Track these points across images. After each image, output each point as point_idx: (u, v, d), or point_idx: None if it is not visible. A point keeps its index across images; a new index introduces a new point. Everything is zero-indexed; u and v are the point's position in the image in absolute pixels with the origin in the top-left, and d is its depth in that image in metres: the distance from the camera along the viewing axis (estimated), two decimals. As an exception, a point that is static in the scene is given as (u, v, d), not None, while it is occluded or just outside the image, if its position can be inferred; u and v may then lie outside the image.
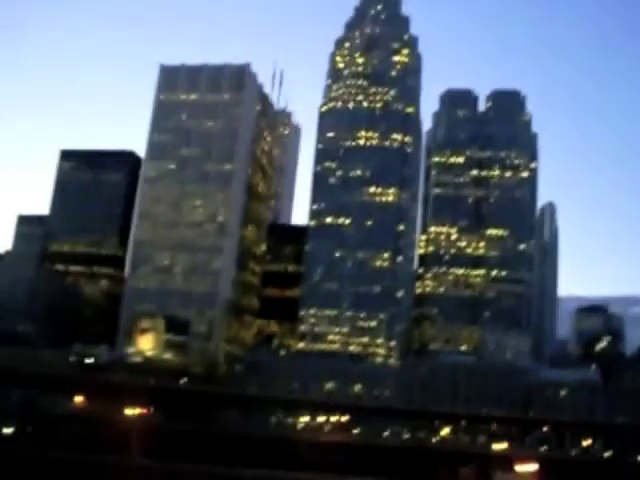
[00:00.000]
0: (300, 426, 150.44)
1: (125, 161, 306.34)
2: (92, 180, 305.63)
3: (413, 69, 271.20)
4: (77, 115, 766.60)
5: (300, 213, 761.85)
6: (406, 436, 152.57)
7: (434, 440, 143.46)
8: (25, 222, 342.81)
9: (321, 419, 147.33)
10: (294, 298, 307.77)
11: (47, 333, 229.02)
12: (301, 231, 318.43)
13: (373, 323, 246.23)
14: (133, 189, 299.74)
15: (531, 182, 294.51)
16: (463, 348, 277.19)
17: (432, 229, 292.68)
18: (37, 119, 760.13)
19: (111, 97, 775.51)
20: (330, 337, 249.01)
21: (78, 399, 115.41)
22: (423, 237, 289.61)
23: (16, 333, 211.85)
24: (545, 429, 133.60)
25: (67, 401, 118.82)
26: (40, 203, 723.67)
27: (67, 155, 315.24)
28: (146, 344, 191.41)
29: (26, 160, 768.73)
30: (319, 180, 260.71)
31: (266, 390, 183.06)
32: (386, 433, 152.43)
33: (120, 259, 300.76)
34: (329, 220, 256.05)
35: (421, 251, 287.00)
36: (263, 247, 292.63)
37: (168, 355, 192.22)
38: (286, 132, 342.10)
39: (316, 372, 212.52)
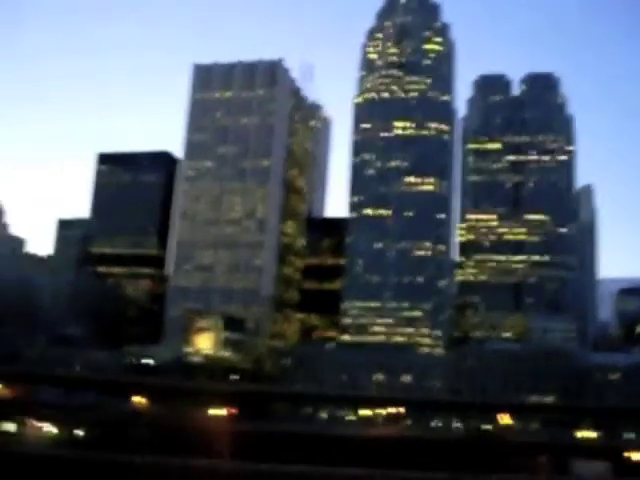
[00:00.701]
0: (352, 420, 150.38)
1: (161, 162, 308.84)
2: (130, 182, 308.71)
3: (446, 56, 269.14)
4: (113, 117, 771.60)
5: (333, 205, 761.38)
6: (456, 425, 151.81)
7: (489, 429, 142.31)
8: (65, 226, 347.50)
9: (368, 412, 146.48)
10: (334, 291, 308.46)
11: (92, 334, 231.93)
12: (338, 224, 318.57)
13: (417, 313, 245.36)
14: (170, 189, 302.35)
15: (569, 165, 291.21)
16: (507, 335, 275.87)
17: (471, 217, 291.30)
18: (73, 123, 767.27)
19: (146, 98, 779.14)
20: (374, 329, 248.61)
21: (138, 400, 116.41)
22: (462, 225, 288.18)
23: (65, 335, 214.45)
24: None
25: (124, 403, 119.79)
26: (79, 207, 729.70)
27: (104, 158, 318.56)
28: (204, 343, 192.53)
29: (64, 164, 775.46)
30: (357, 172, 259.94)
31: (314, 384, 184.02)
32: (439, 424, 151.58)
33: (160, 259, 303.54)
34: (369, 212, 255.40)
35: (461, 239, 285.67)
36: (302, 241, 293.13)
37: (226, 353, 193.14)
38: (317, 125, 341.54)
39: (363, 364, 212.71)
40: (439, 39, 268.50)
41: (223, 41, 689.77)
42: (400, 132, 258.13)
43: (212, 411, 74.07)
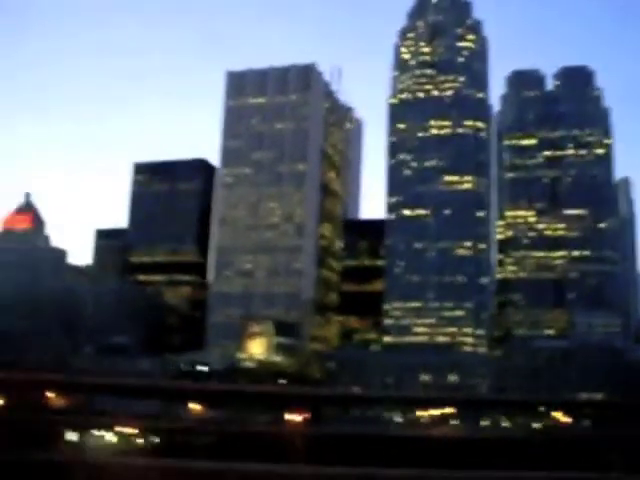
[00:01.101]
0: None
1: (198, 169, 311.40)
2: (166, 190, 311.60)
3: (480, 54, 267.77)
4: (149, 126, 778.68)
5: (367, 207, 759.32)
6: (505, 424, 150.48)
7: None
8: (103, 236, 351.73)
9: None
10: (372, 292, 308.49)
11: (135, 342, 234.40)
12: (374, 225, 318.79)
13: (459, 312, 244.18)
14: (207, 196, 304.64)
15: (606, 158, 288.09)
16: (549, 332, 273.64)
17: (509, 213, 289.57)
18: (109, 133, 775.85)
19: (181, 106, 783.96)
20: (416, 329, 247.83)
21: (196, 407, 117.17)
22: (500, 222, 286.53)
23: (111, 344, 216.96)
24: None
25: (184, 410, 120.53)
26: (117, 217, 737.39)
27: (140, 168, 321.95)
28: (257, 348, 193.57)
29: (101, 175, 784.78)
30: (394, 173, 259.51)
31: (359, 386, 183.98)
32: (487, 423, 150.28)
33: (199, 265, 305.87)
34: (407, 212, 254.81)
35: (499, 236, 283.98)
36: (339, 243, 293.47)
37: (277, 358, 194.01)
38: (350, 127, 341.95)
39: (408, 366, 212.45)
40: (472, 36, 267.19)
41: (255, 47, 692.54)
42: (436, 131, 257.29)
43: (288, 416, 74.47)
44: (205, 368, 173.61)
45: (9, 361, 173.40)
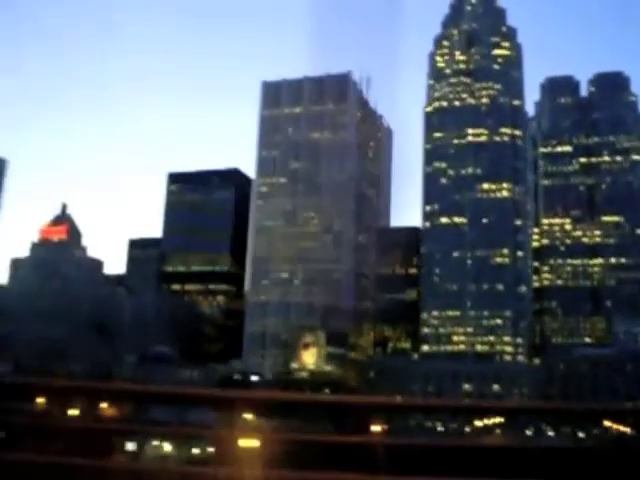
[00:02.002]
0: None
1: (232, 179, 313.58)
2: (201, 200, 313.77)
3: (515, 61, 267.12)
4: (183, 137, 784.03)
5: (397, 216, 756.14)
6: (550, 434, 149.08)
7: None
8: (136, 246, 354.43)
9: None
10: (406, 301, 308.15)
11: (176, 352, 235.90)
12: (408, 233, 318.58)
13: (498, 321, 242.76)
14: (242, 206, 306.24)
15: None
16: (587, 340, 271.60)
17: (545, 221, 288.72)
18: (145, 144, 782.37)
19: (216, 116, 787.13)
20: (455, 338, 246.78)
21: (248, 416, 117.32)
22: (536, 230, 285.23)
23: (153, 353, 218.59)
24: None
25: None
26: (152, 227, 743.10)
27: (174, 178, 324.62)
28: (309, 358, 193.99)
29: (135, 185, 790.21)
30: (430, 181, 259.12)
31: (400, 394, 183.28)
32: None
33: (234, 275, 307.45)
34: (444, 220, 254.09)
35: (535, 244, 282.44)
36: (374, 252, 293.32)
37: (329, 368, 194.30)
38: (380, 136, 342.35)
39: (449, 374, 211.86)
40: (507, 44, 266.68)
41: (289, 57, 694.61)
42: (472, 139, 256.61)
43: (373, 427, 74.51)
44: (256, 378, 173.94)
45: (50, 369, 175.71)
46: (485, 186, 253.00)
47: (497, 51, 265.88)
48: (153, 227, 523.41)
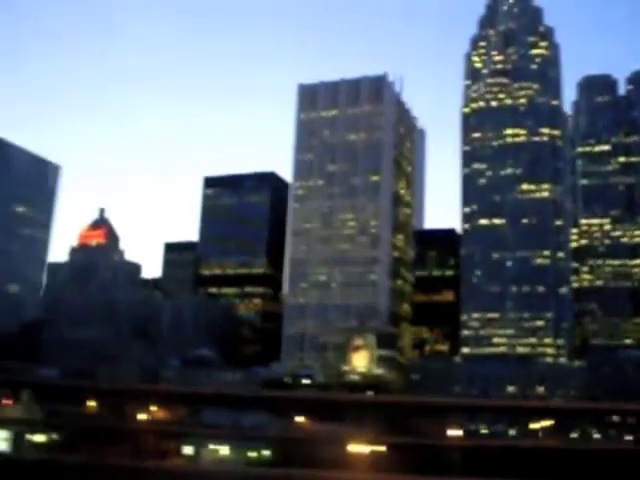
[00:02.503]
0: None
1: (267, 182, 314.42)
2: (236, 204, 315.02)
3: (552, 60, 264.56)
4: (218, 140, 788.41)
5: (431, 217, 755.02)
6: (596, 436, 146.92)
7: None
8: (172, 249, 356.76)
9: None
10: (443, 303, 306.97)
11: (215, 354, 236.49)
12: (443, 235, 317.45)
13: (539, 323, 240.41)
14: (277, 209, 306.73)
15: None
16: (627, 341, 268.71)
17: (583, 221, 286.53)
18: (179, 147, 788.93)
19: (252, 119, 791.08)
20: (495, 340, 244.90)
21: (299, 419, 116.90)
22: (574, 230, 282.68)
23: (196, 356, 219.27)
24: None
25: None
26: (188, 230, 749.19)
27: (210, 181, 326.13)
28: (360, 361, 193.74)
29: (170, 189, 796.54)
30: (468, 182, 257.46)
31: (445, 397, 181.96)
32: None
33: (270, 278, 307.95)
34: (483, 222, 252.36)
35: (574, 245, 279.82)
36: (411, 254, 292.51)
37: (379, 370, 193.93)
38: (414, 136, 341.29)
39: (492, 376, 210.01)
40: (544, 43, 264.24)
41: (325, 59, 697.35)
42: (511, 140, 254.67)
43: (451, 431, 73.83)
44: (308, 381, 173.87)
45: (95, 373, 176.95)
46: (524, 187, 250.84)
47: (534, 51, 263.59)
48: (189, 231, 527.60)
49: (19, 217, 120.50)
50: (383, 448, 79.02)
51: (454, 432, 74.35)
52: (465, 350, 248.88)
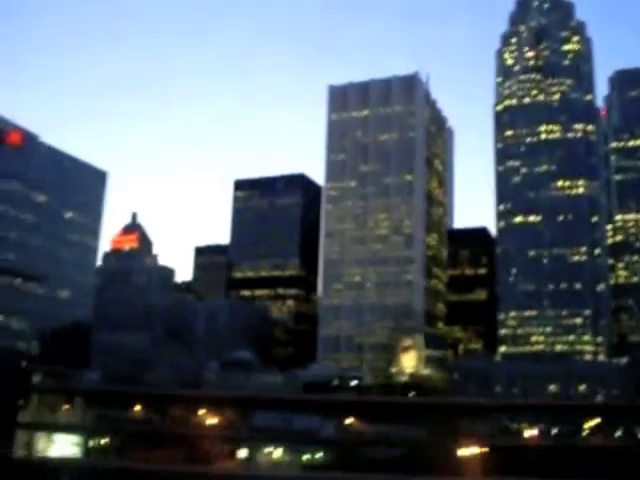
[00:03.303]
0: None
1: (298, 184, 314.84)
2: (267, 206, 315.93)
3: (585, 55, 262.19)
4: (247, 143, 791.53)
5: (459, 215, 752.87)
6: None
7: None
8: (202, 253, 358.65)
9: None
10: (476, 301, 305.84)
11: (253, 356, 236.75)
12: (475, 233, 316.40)
13: (577, 320, 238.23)
14: (309, 211, 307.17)
15: None
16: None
17: (618, 217, 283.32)
18: (210, 150, 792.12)
19: (279, 122, 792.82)
20: (533, 338, 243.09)
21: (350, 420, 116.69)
22: (609, 226, 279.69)
23: (235, 359, 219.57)
24: None
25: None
26: (219, 233, 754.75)
27: (240, 184, 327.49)
28: (408, 362, 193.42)
29: (200, 192, 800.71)
30: (502, 180, 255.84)
31: (484, 396, 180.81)
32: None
33: (303, 279, 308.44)
34: (518, 220, 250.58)
35: (610, 241, 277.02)
36: (444, 253, 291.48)
37: (427, 371, 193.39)
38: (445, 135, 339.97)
39: (532, 375, 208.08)
40: (576, 38, 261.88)
41: (354, 59, 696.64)
42: (545, 136, 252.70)
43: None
44: (355, 382, 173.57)
45: (135, 377, 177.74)
46: (560, 183, 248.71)
47: (566, 46, 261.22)
48: (219, 234, 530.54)
49: (69, 223, 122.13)
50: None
51: (530, 432, 73.85)
52: (502, 349, 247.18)
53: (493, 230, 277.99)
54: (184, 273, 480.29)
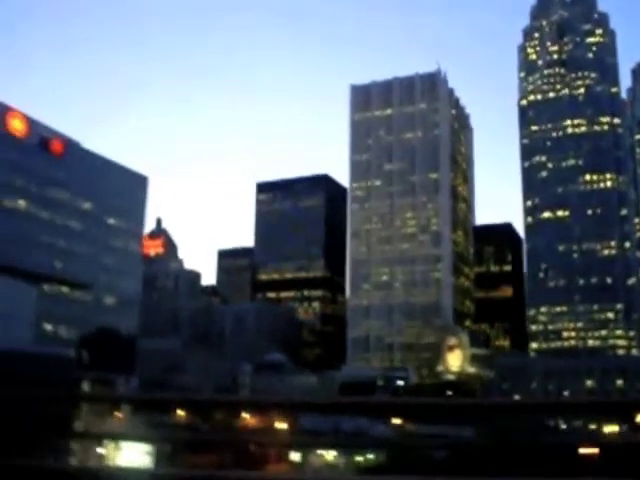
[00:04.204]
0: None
1: (321, 185, 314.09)
2: (291, 208, 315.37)
3: (609, 48, 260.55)
4: (269, 144, 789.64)
5: (481, 212, 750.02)
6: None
7: None
8: (227, 256, 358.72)
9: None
10: (501, 298, 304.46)
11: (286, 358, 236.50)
12: (499, 230, 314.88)
13: (609, 315, 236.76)
14: (332, 211, 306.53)
15: None
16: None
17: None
18: (231, 152, 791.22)
19: (304, 123, 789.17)
20: (565, 334, 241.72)
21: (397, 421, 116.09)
22: (636, 220, 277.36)
23: (268, 362, 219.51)
24: None
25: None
26: (243, 236, 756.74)
27: (263, 187, 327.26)
28: (455, 361, 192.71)
29: (224, 195, 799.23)
30: (529, 175, 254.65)
31: (519, 393, 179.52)
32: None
33: (328, 280, 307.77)
34: (547, 215, 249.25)
35: (638, 235, 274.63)
36: (471, 250, 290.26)
37: (472, 369, 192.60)
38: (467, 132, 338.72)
39: (569, 370, 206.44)
40: (599, 30, 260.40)
41: (374, 57, 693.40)
42: (571, 130, 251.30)
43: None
44: (401, 383, 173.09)
45: (170, 382, 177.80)
46: (587, 177, 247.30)
47: (590, 39, 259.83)
48: (242, 237, 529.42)
49: (112, 229, 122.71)
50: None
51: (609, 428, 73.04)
52: (533, 345, 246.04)
53: (519, 226, 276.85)
54: (208, 277, 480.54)
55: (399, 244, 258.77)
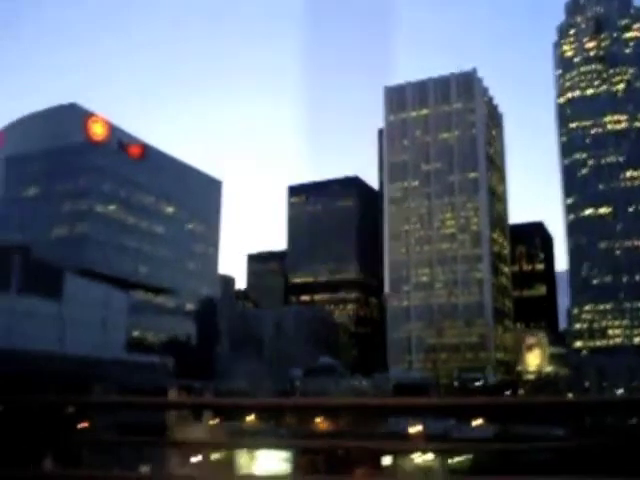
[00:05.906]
0: None
1: (352, 187, 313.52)
2: (323, 210, 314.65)
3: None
4: (302, 147, 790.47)
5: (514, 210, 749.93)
6: None
7: None
8: (257, 260, 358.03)
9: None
10: (536, 297, 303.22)
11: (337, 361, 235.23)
12: (532, 228, 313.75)
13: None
14: (365, 213, 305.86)
15: None
16: None
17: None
18: (263, 156, 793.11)
19: (338, 125, 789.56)
20: (610, 332, 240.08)
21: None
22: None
23: (319, 365, 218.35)
24: None
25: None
26: (276, 240, 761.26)
27: (294, 190, 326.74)
28: (533, 360, 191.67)
29: (255, 199, 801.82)
30: (569, 173, 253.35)
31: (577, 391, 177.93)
32: None
33: (362, 282, 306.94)
34: (588, 212, 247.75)
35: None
36: (508, 249, 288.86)
37: (550, 368, 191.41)
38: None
39: (622, 368, 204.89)
40: (637, 25, 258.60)
41: (406, 57, 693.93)
42: (611, 127, 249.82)
43: None
44: (479, 383, 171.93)
45: (222, 388, 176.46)
46: (629, 174, 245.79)
47: (627, 34, 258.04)
48: (272, 240, 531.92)
49: (191, 234, 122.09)
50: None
51: None
52: (578, 344, 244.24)
53: (550, 224, 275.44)
54: (238, 281, 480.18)
55: (439, 244, 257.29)
